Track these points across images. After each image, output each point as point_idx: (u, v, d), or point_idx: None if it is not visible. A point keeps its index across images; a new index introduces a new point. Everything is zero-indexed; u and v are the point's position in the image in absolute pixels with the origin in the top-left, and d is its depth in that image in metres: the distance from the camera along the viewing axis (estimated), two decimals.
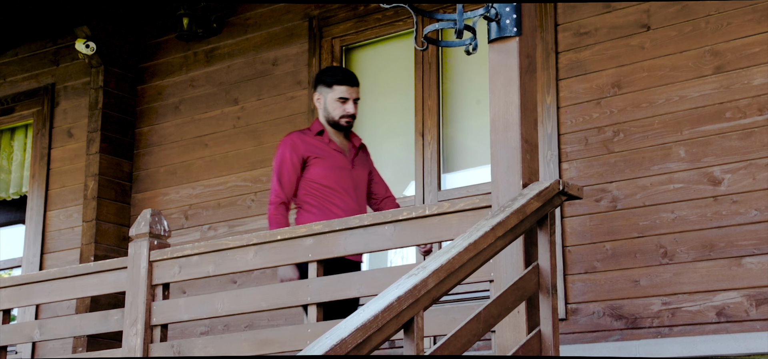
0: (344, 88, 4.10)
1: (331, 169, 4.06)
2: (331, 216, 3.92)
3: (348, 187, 4.08)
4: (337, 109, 4.10)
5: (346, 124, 4.12)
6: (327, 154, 4.09)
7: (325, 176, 4.05)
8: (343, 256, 3.60)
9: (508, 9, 3.10)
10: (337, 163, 4.10)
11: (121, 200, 5.76)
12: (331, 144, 4.13)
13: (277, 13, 5.55)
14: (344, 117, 4.10)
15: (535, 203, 2.93)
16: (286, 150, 4.10)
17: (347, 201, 4.05)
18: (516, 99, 3.09)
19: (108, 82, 5.81)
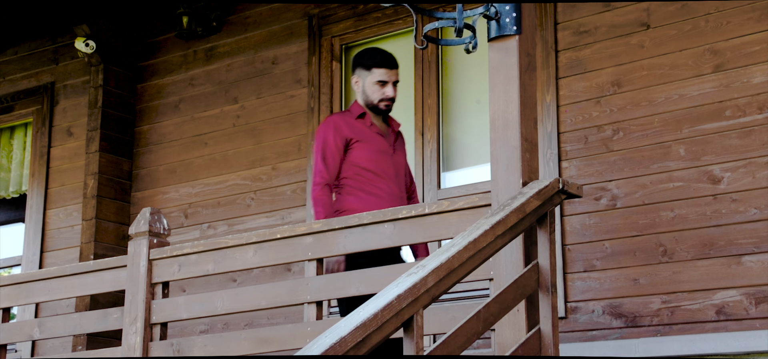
0: (383, 70, 3.98)
1: (373, 152, 3.94)
2: (373, 201, 3.83)
3: (389, 172, 3.96)
4: (376, 92, 3.98)
5: (386, 108, 3.99)
6: (369, 138, 3.97)
7: (367, 159, 3.93)
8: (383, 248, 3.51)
9: (508, 7, 3.10)
10: (379, 147, 3.98)
11: (120, 199, 5.76)
12: (373, 127, 4.00)
13: (276, 11, 5.55)
14: (383, 100, 3.98)
15: (535, 202, 2.93)
16: (328, 131, 3.95)
17: (389, 186, 3.93)
18: (516, 97, 3.09)
19: (108, 81, 5.80)
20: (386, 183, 3.92)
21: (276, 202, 5.30)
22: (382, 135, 4.00)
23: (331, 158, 3.93)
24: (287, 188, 5.29)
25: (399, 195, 3.94)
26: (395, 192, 3.92)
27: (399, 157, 4.04)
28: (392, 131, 4.07)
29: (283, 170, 5.32)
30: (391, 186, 3.92)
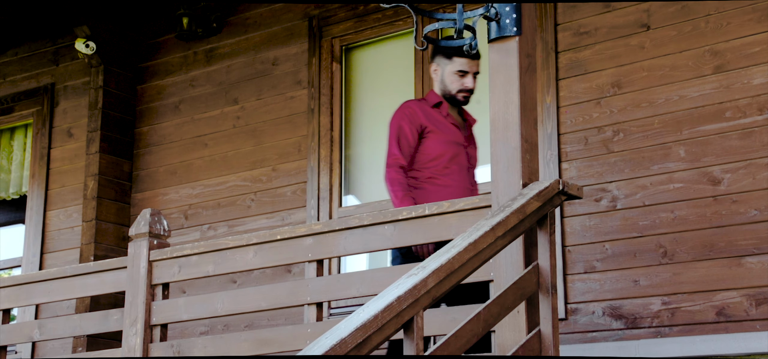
0: (465, 60, 3.80)
1: (447, 143, 3.79)
2: (444, 192, 3.69)
3: (462, 164, 3.82)
4: (455, 82, 3.82)
5: (463, 99, 3.84)
6: (444, 128, 3.82)
7: (440, 150, 3.78)
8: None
9: (508, 9, 3.10)
10: (454, 138, 3.82)
11: (120, 200, 5.76)
12: (449, 117, 3.86)
13: (277, 12, 5.55)
14: (462, 91, 3.82)
15: (535, 203, 2.93)
16: (404, 117, 3.82)
17: (462, 178, 3.79)
18: (516, 98, 3.09)
19: (108, 82, 5.80)
20: (459, 174, 3.77)
21: (276, 203, 5.29)
22: (457, 126, 3.86)
23: (406, 143, 3.80)
24: (287, 189, 5.28)
25: (470, 190, 3.78)
26: (466, 185, 3.78)
27: (472, 151, 3.90)
28: (468, 124, 3.95)
29: (283, 171, 5.31)
30: (463, 178, 3.78)
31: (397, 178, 3.75)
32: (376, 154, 5.23)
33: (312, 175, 5.18)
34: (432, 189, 3.72)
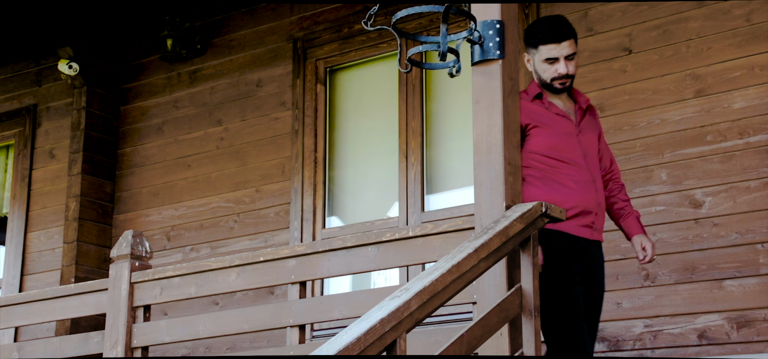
0: (550, 46, 3.44)
1: (554, 136, 3.44)
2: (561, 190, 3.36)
3: (576, 156, 3.43)
4: (547, 70, 3.46)
5: (561, 87, 3.46)
6: (548, 121, 3.47)
7: (548, 146, 3.43)
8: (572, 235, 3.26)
9: (491, 32, 3.12)
10: (562, 129, 3.46)
11: (102, 221, 5.72)
12: (552, 107, 3.49)
13: (261, 34, 5.56)
14: (556, 79, 3.44)
15: (518, 225, 2.94)
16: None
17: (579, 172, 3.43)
18: (499, 121, 3.10)
19: (91, 103, 5.78)
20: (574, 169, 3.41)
21: (259, 225, 5.28)
22: (563, 115, 3.49)
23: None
24: (271, 210, 5.27)
25: (592, 181, 3.41)
26: (586, 177, 3.41)
27: (588, 136, 3.51)
28: (579, 108, 3.54)
29: (266, 192, 5.30)
30: (581, 173, 3.42)
31: None
32: (359, 175, 5.23)
33: (295, 196, 5.17)
34: (546, 188, 3.40)
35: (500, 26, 3.12)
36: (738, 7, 4.12)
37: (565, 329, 3.24)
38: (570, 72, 3.46)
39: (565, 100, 3.53)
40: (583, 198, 3.36)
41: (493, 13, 3.14)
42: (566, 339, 3.23)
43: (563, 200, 3.33)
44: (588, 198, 3.37)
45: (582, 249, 3.34)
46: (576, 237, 3.33)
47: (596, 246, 3.42)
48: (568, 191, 3.37)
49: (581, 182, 3.39)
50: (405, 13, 2.98)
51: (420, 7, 2.98)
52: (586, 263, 3.36)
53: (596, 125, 3.60)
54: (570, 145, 3.44)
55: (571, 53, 3.47)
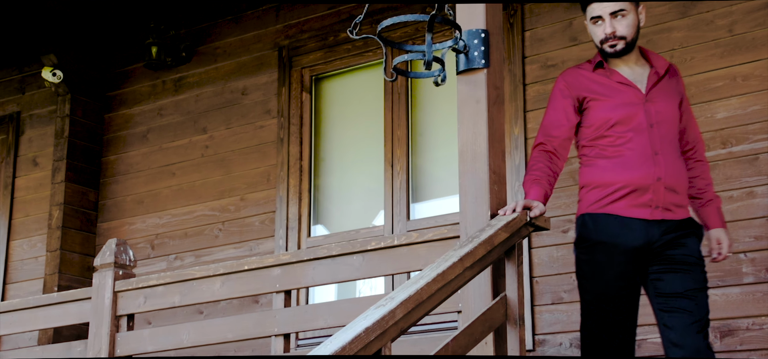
0: (594, 5, 3.15)
1: (612, 109, 3.13)
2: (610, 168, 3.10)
3: (640, 126, 3.10)
4: (596, 33, 3.17)
5: (611, 49, 3.15)
6: (609, 91, 3.16)
7: (604, 120, 3.13)
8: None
9: (476, 41, 3.13)
10: (624, 99, 3.14)
11: (86, 230, 5.69)
12: (614, 76, 3.18)
13: (246, 42, 5.55)
14: (604, 41, 3.15)
15: (503, 234, 2.94)
16: (557, 88, 3.23)
17: (641, 145, 3.09)
18: (484, 130, 3.11)
19: (75, 111, 5.75)
20: (633, 142, 3.09)
21: (244, 233, 5.26)
22: (627, 84, 3.16)
23: (553, 118, 3.20)
24: (256, 219, 5.25)
25: (651, 155, 3.08)
26: (646, 151, 3.08)
27: (661, 105, 3.14)
28: (655, 73, 3.19)
29: (251, 201, 5.29)
30: (643, 145, 3.08)
31: (532, 158, 3.21)
32: (345, 183, 5.23)
33: (281, 204, 5.16)
34: (603, 164, 3.12)
35: (485, 35, 3.13)
36: (721, 18, 4.15)
37: (594, 320, 3.03)
38: (619, 32, 3.13)
39: (634, 64, 3.20)
40: (635, 175, 3.04)
41: (478, 22, 3.15)
42: (597, 331, 3.03)
43: (610, 181, 3.06)
44: (642, 174, 3.04)
45: (638, 231, 3.02)
46: (629, 219, 3.02)
47: (663, 226, 3.03)
48: (618, 169, 3.08)
49: (637, 157, 3.07)
50: (390, 22, 2.99)
51: (405, 17, 2.98)
52: (645, 246, 3.02)
53: (677, 91, 3.22)
54: (632, 116, 3.11)
55: (618, 9, 3.12)
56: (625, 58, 3.18)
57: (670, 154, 3.11)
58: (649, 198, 3.04)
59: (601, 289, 3.04)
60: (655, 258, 3.05)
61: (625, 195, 3.05)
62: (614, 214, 3.05)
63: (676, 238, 3.05)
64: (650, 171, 3.06)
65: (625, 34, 3.14)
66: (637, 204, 3.04)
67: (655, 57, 3.25)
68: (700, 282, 3.03)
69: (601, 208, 3.06)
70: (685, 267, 3.02)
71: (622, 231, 3.03)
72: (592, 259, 3.07)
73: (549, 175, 3.16)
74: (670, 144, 3.13)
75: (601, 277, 3.04)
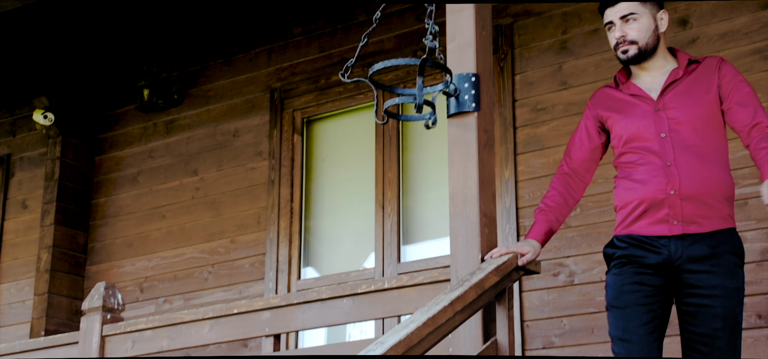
0: (606, 11, 3.03)
1: (626, 123, 2.99)
2: (627, 189, 2.98)
3: (650, 140, 2.93)
4: (610, 40, 3.04)
5: (623, 55, 2.99)
6: (623, 106, 3.03)
7: (620, 136, 3.00)
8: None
9: (467, 85, 3.15)
10: (635, 113, 2.98)
11: (74, 273, 5.64)
12: (630, 88, 3.03)
13: (238, 85, 5.57)
14: (617, 47, 3.01)
15: (494, 277, 2.93)
16: (586, 109, 3.15)
17: (651, 158, 2.93)
18: (474, 173, 3.11)
19: (65, 153, 5.74)
20: (648, 155, 2.93)
21: (234, 276, 5.23)
22: (640, 94, 3.00)
23: (575, 138, 3.13)
24: (246, 261, 5.23)
25: (663, 166, 2.89)
26: (656, 164, 2.90)
27: (676, 110, 2.93)
28: (673, 73, 2.99)
29: (241, 243, 5.27)
30: (654, 158, 2.92)
31: (551, 183, 3.15)
32: (336, 225, 5.22)
33: (271, 246, 5.13)
34: (623, 184, 2.99)
35: (476, 79, 3.15)
36: None
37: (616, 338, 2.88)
38: (630, 36, 2.97)
39: (658, 71, 3.02)
40: (648, 191, 2.90)
41: (468, 66, 3.17)
42: (616, 349, 2.86)
43: (627, 200, 2.94)
44: (654, 189, 2.89)
45: (659, 249, 2.86)
46: (649, 237, 2.87)
47: (687, 240, 2.84)
48: (633, 187, 2.94)
49: (648, 171, 2.91)
50: (382, 66, 3.00)
51: (396, 61, 3.00)
52: (667, 263, 2.85)
53: (708, 83, 2.97)
54: (643, 128, 2.95)
55: (628, 13, 2.97)
56: (647, 65, 3.02)
57: (689, 161, 2.88)
58: (665, 213, 2.87)
59: (627, 315, 2.85)
60: (681, 278, 2.86)
61: (642, 213, 2.90)
62: (636, 235, 2.91)
63: (703, 258, 2.84)
64: (661, 184, 2.89)
65: (636, 39, 2.98)
66: (654, 221, 2.88)
67: (683, 56, 3.04)
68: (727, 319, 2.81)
69: (624, 230, 2.95)
70: (709, 302, 2.82)
71: (643, 251, 2.88)
72: (615, 282, 2.91)
73: (560, 204, 3.10)
74: (688, 150, 2.90)
75: (625, 302, 2.86)
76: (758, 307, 3.87)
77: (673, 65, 3.05)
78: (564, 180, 3.15)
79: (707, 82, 2.99)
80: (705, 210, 2.87)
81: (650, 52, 3.02)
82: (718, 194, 2.89)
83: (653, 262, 2.89)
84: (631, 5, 2.99)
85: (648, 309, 2.86)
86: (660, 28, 3.03)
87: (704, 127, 2.94)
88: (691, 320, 2.87)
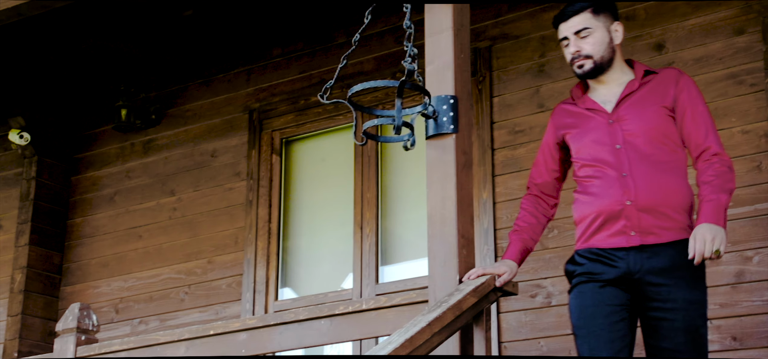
0: (560, 27, 3.03)
1: (582, 138, 2.98)
2: (584, 203, 2.96)
3: (606, 152, 2.91)
4: (566, 55, 3.03)
5: (579, 70, 2.99)
6: (579, 121, 3.02)
7: (578, 150, 3.00)
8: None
9: (445, 107, 3.16)
10: (590, 126, 2.98)
11: (49, 293, 5.58)
12: (585, 102, 3.03)
13: (217, 105, 5.56)
14: (572, 62, 3.01)
15: (471, 299, 2.94)
16: (548, 125, 3.15)
17: (607, 171, 2.91)
18: (452, 194, 3.12)
19: (41, 173, 5.69)
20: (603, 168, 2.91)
21: (210, 297, 5.20)
22: (594, 108, 3.00)
23: (537, 161, 3.17)
24: (222, 282, 5.20)
25: (618, 177, 2.87)
26: (611, 175, 2.88)
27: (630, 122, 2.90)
28: (629, 85, 2.97)
29: (218, 264, 5.24)
30: (609, 170, 2.89)
31: (522, 203, 3.16)
32: (314, 246, 5.20)
33: (248, 267, 5.11)
34: (581, 199, 2.97)
35: (454, 101, 3.17)
36: None
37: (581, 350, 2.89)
38: (584, 51, 2.96)
39: (615, 83, 3.00)
40: (604, 203, 2.88)
41: (447, 88, 3.19)
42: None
43: (585, 214, 2.94)
44: (611, 200, 2.87)
45: (617, 262, 2.84)
46: (608, 250, 2.85)
47: (646, 252, 2.81)
48: (590, 200, 2.92)
49: (604, 183, 2.89)
50: (361, 87, 3.01)
51: (375, 82, 3.01)
52: (626, 276, 2.83)
53: (663, 96, 2.94)
54: (599, 141, 2.94)
55: (581, 28, 2.96)
56: (604, 77, 3.01)
57: (645, 172, 2.86)
58: (622, 225, 2.85)
59: (592, 338, 2.85)
60: (642, 291, 2.83)
61: (599, 226, 2.89)
62: (595, 248, 2.90)
63: (663, 270, 2.82)
64: (617, 196, 2.87)
65: (591, 53, 2.96)
66: (612, 234, 2.86)
67: (640, 67, 3.03)
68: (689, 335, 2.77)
69: (584, 244, 2.95)
70: (670, 316, 2.79)
71: (601, 266, 2.87)
72: (578, 305, 2.93)
73: (532, 224, 3.11)
74: (644, 160, 2.88)
75: (589, 325, 2.86)
76: (733, 330, 3.90)
77: (630, 76, 3.03)
78: (533, 201, 3.16)
79: (662, 94, 2.97)
80: (662, 220, 2.85)
81: (606, 65, 3.00)
82: (675, 204, 2.87)
83: (613, 277, 2.87)
84: (584, 19, 2.97)
85: (612, 329, 2.84)
86: (615, 40, 3.03)
87: (660, 137, 2.92)
88: (654, 334, 2.84)
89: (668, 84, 2.98)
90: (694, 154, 2.95)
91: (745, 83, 4.10)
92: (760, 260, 3.91)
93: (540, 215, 3.15)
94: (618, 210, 2.87)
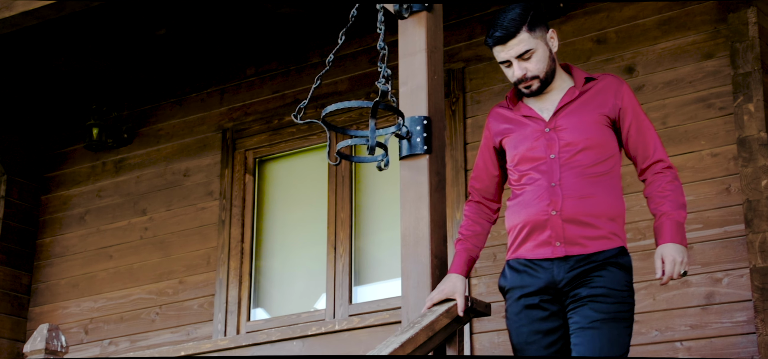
0: (497, 49, 2.96)
1: (517, 144, 2.95)
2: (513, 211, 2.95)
3: (539, 161, 2.90)
4: (508, 76, 2.98)
5: (527, 91, 2.95)
6: (515, 127, 2.99)
7: (513, 157, 2.97)
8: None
9: (419, 128, 3.18)
10: (525, 133, 2.95)
11: (17, 314, 5.50)
12: (522, 109, 3.00)
13: (190, 124, 5.54)
14: (519, 84, 2.96)
15: (444, 319, 2.94)
16: (485, 129, 3.12)
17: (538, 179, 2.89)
18: (426, 214, 3.13)
19: (10, 192, 5.62)
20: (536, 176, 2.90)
21: (182, 317, 5.15)
22: (532, 115, 2.97)
23: (479, 161, 3.12)
24: (194, 302, 5.15)
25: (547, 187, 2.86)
26: (542, 184, 2.87)
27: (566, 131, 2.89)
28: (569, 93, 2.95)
29: (190, 284, 5.19)
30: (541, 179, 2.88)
31: (465, 214, 3.11)
32: (287, 266, 5.18)
33: (220, 287, 5.07)
34: (512, 207, 2.96)
35: (427, 122, 3.18)
36: (654, 111, 4.29)
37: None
38: (530, 72, 2.91)
39: (553, 92, 2.98)
40: (531, 212, 2.87)
41: (420, 109, 3.20)
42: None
43: (514, 223, 2.93)
44: (537, 210, 2.86)
45: (541, 272, 2.84)
46: (534, 261, 2.85)
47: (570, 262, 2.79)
48: (519, 209, 2.91)
49: (534, 192, 2.87)
50: (335, 107, 3.01)
51: (349, 103, 3.02)
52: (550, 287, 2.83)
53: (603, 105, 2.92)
54: (532, 149, 2.92)
55: (525, 51, 2.90)
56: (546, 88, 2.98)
57: (574, 182, 2.84)
58: (548, 235, 2.83)
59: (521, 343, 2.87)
60: (566, 299, 2.82)
61: (526, 235, 2.87)
62: (523, 258, 2.88)
63: (586, 272, 2.79)
64: (543, 205, 2.85)
65: (538, 73, 2.92)
66: (538, 244, 2.85)
67: (579, 74, 2.99)
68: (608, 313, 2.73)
69: (513, 254, 2.93)
70: (592, 301, 2.75)
71: (529, 278, 2.86)
72: (513, 324, 2.92)
73: (477, 233, 3.07)
74: (575, 170, 2.86)
75: (526, 345, 2.87)
76: (703, 351, 3.94)
77: (568, 83, 3.01)
78: (476, 208, 3.12)
79: (601, 103, 2.94)
80: (588, 231, 2.82)
81: (551, 77, 2.97)
82: (601, 214, 2.83)
83: (539, 288, 2.86)
84: (523, 41, 2.91)
85: (548, 343, 2.86)
86: (553, 48, 2.99)
87: (596, 147, 2.90)
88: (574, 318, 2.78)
89: (608, 93, 2.95)
90: (641, 165, 2.95)
91: (714, 107, 4.16)
92: (730, 282, 3.95)
93: (484, 222, 3.11)
94: (544, 220, 2.85)
